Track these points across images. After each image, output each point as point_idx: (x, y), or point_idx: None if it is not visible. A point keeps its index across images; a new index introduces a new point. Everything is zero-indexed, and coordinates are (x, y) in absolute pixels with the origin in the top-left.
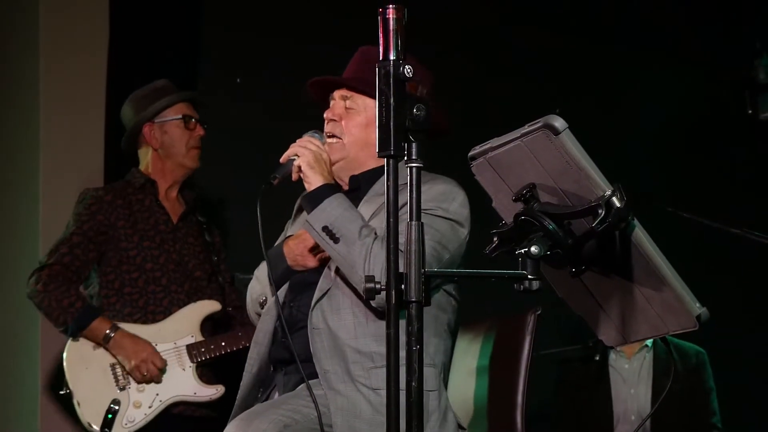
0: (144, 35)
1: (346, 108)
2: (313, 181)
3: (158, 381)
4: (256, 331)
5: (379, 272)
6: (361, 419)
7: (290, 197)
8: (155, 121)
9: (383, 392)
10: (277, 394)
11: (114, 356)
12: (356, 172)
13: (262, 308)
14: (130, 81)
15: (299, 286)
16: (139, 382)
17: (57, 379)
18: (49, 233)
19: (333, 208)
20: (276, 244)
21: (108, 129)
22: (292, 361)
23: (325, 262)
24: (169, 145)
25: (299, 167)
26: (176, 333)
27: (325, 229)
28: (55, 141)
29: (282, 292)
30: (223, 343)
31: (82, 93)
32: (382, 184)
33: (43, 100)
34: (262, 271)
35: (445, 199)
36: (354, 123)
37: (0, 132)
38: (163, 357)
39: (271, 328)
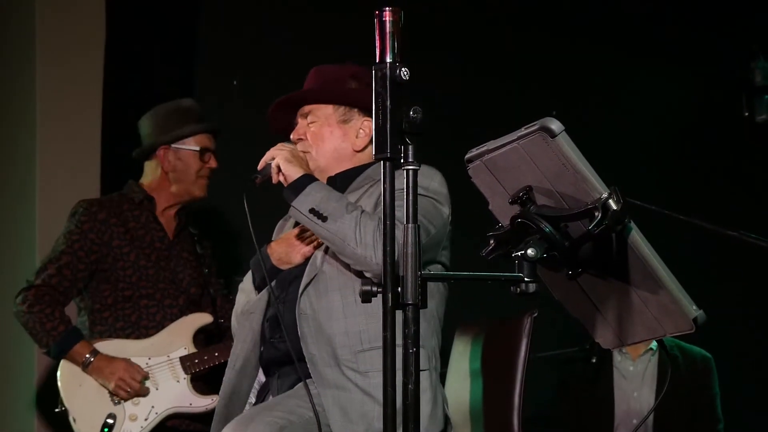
0: (140, 37)
1: (308, 124)
2: (293, 173)
3: (144, 393)
4: (239, 330)
5: (371, 239)
6: (350, 401)
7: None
8: (172, 146)
9: (371, 374)
10: (271, 398)
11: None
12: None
13: None
14: (127, 84)
15: (284, 282)
16: (126, 400)
17: (51, 397)
18: (46, 239)
19: (317, 191)
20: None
21: (104, 132)
22: (284, 361)
23: (309, 258)
24: (181, 171)
25: (278, 166)
26: (169, 346)
27: (312, 210)
28: (52, 144)
29: (265, 293)
30: (216, 354)
31: (79, 96)
32: (359, 181)
33: (39, 103)
34: (246, 282)
35: (423, 178)
36: (316, 135)
37: None
38: (157, 370)
39: (257, 327)
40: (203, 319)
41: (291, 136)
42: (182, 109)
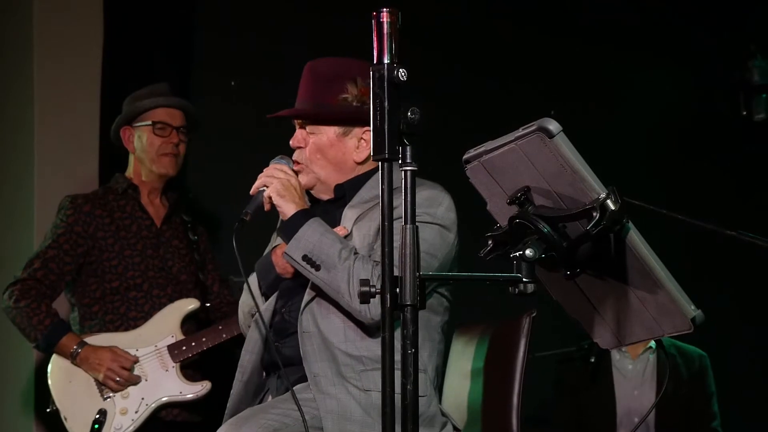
0: (138, 38)
1: (308, 133)
2: (286, 210)
3: (135, 381)
4: (247, 340)
5: None
6: (351, 421)
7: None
8: (133, 125)
9: (374, 393)
10: (270, 398)
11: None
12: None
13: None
14: (125, 84)
15: (289, 292)
16: (116, 391)
17: (48, 397)
18: (43, 238)
19: (310, 236)
20: (264, 254)
21: (102, 132)
22: (285, 363)
23: None
24: (142, 150)
25: (270, 198)
26: (156, 335)
27: (305, 257)
28: (50, 144)
29: (272, 299)
30: (204, 339)
31: (77, 96)
32: (367, 189)
33: (37, 103)
34: (252, 283)
35: (431, 204)
36: (316, 147)
37: None
38: (145, 361)
39: (262, 335)
40: (189, 304)
41: (290, 143)
42: (146, 92)
